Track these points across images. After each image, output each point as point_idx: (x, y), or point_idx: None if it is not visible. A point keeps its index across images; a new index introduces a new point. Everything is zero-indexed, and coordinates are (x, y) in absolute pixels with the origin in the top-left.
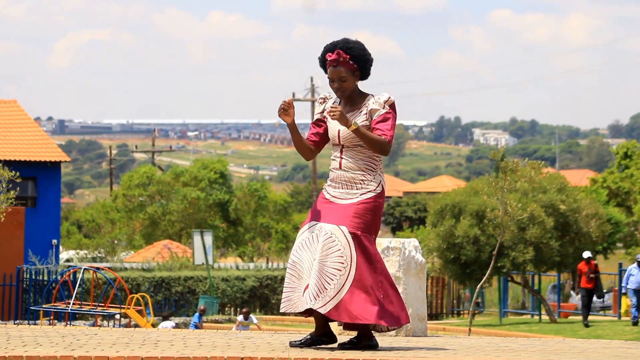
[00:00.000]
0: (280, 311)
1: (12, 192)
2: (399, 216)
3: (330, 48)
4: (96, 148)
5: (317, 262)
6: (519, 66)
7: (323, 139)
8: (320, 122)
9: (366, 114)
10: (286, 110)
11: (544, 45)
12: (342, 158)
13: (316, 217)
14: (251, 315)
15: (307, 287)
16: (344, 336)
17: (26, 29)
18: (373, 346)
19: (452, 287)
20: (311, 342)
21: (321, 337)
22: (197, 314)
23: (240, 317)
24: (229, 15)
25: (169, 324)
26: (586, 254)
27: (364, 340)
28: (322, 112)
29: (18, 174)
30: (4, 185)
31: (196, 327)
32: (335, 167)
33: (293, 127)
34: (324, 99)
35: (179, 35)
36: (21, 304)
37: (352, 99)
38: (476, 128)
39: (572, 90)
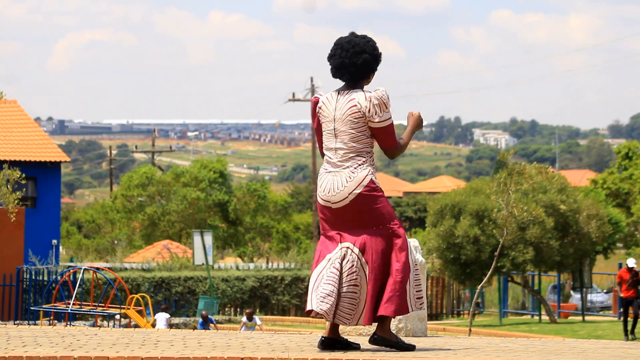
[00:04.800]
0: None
1: (18, 193)
2: (399, 216)
3: None
4: (96, 148)
5: None
6: (519, 66)
7: None
8: None
9: None
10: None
11: (544, 45)
12: None
13: None
14: (255, 316)
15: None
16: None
17: (26, 30)
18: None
19: (452, 287)
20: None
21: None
22: (200, 321)
23: (244, 318)
24: (230, 15)
25: (163, 316)
26: (631, 262)
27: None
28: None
29: (24, 175)
30: (10, 186)
31: None
32: None
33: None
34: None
35: (179, 35)
36: (21, 304)
37: None
38: (476, 128)
39: (572, 90)
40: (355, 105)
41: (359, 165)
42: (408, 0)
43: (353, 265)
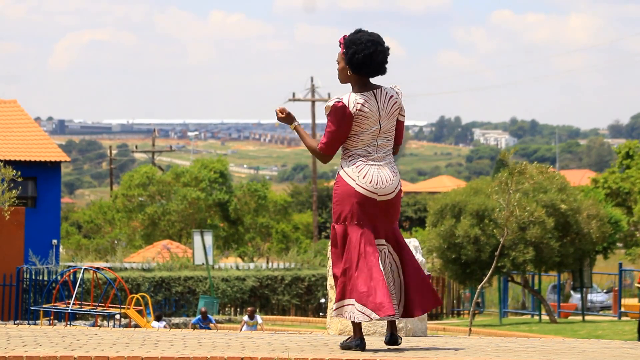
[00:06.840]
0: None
1: (14, 192)
2: (399, 216)
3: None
4: (96, 148)
5: None
6: (520, 66)
7: None
8: None
9: None
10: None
11: (545, 45)
12: None
13: None
14: (256, 315)
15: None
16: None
17: (26, 29)
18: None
19: (452, 287)
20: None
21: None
22: (198, 317)
23: (245, 317)
24: (230, 15)
25: (160, 324)
26: None
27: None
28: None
29: (20, 173)
30: (5, 185)
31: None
32: None
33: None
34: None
35: (179, 35)
36: (21, 304)
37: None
38: (476, 128)
39: (572, 90)
40: (397, 102)
41: (393, 161)
42: (408, 0)
43: (390, 259)
